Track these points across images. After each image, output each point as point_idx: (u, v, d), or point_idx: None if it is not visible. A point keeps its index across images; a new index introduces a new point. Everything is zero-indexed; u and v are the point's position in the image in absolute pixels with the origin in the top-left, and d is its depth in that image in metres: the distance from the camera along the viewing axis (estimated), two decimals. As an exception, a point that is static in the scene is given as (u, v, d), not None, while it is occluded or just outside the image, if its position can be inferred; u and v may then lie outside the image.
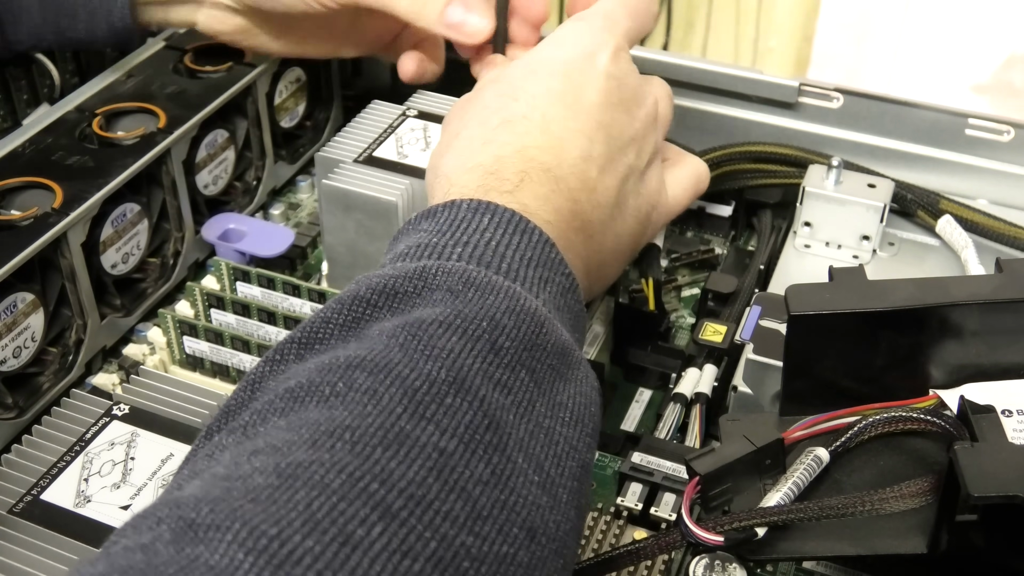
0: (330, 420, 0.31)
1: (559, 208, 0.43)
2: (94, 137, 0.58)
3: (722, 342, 0.54)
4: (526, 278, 0.39)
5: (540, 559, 0.32)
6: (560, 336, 0.37)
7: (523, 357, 0.35)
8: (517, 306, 0.36)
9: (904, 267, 0.59)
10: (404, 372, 0.33)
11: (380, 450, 0.30)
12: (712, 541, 0.38)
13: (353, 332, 0.36)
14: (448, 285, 0.36)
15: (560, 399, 0.36)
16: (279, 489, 0.29)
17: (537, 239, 0.40)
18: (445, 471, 0.31)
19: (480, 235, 0.39)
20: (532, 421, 0.34)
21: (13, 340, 0.51)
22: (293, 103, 0.70)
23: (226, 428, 0.34)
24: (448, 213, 0.41)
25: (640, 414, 0.56)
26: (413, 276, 0.37)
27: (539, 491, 0.33)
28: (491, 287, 0.37)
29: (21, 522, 0.43)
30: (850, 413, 0.41)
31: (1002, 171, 0.64)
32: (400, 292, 0.37)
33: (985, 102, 1.77)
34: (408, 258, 0.39)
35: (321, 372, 0.33)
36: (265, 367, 0.36)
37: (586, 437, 0.37)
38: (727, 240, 0.67)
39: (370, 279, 0.37)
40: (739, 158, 0.65)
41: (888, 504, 0.37)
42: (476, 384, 0.33)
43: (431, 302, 0.36)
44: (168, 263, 0.61)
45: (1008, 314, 0.41)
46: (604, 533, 0.47)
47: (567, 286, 0.41)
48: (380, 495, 0.29)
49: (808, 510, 0.38)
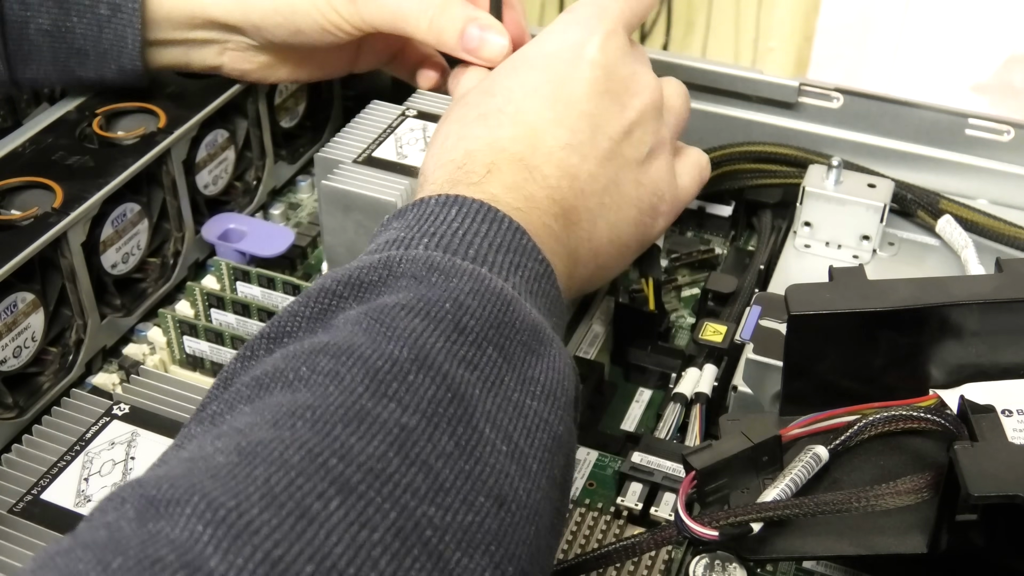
0: (292, 402, 0.32)
1: (531, 196, 0.43)
2: (94, 137, 0.58)
3: (722, 342, 0.54)
4: (495, 263, 0.39)
5: (510, 525, 0.33)
6: (529, 315, 0.38)
7: (490, 334, 0.36)
8: (482, 287, 0.37)
9: (904, 267, 0.59)
10: (367, 353, 0.33)
11: (340, 427, 0.31)
12: (707, 535, 0.38)
13: (320, 323, 0.37)
14: (412, 272, 0.37)
15: (531, 373, 0.36)
16: (239, 466, 0.30)
17: (507, 227, 0.40)
18: (407, 445, 0.31)
19: (447, 226, 0.40)
20: (500, 395, 0.35)
21: (13, 340, 0.51)
22: (293, 103, 0.70)
23: (195, 419, 0.35)
24: (417, 209, 0.41)
25: (640, 414, 0.56)
26: (378, 266, 0.38)
27: (507, 460, 0.33)
28: (455, 271, 0.37)
29: (21, 522, 0.43)
30: (850, 412, 0.41)
31: (1002, 171, 0.64)
32: (365, 282, 0.37)
33: (985, 102, 1.77)
34: (376, 253, 0.40)
35: (286, 359, 0.34)
36: (237, 363, 0.37)
37: (558, 410, 0.37)
38: (727, 240, 0.67)
39: (336, 272, 0.38)
40: (739, 158, 0.65)
41: (884, 500, 0.37)
42: (439, 361, 0.34)
43: (396, 289, 0.37)
44: (168, 263, 0.61)
45: (1008, 314, 0.41)
46: (604, 533, 0.47)
47: (540, 272, 0.41)
48: (339, 470, 0.30)
49: (804, 506, 0.38)
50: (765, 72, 0.67)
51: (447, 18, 0.55)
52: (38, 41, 0.57)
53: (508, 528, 0.32)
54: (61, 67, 0.59)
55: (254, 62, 0.62)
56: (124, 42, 0.58)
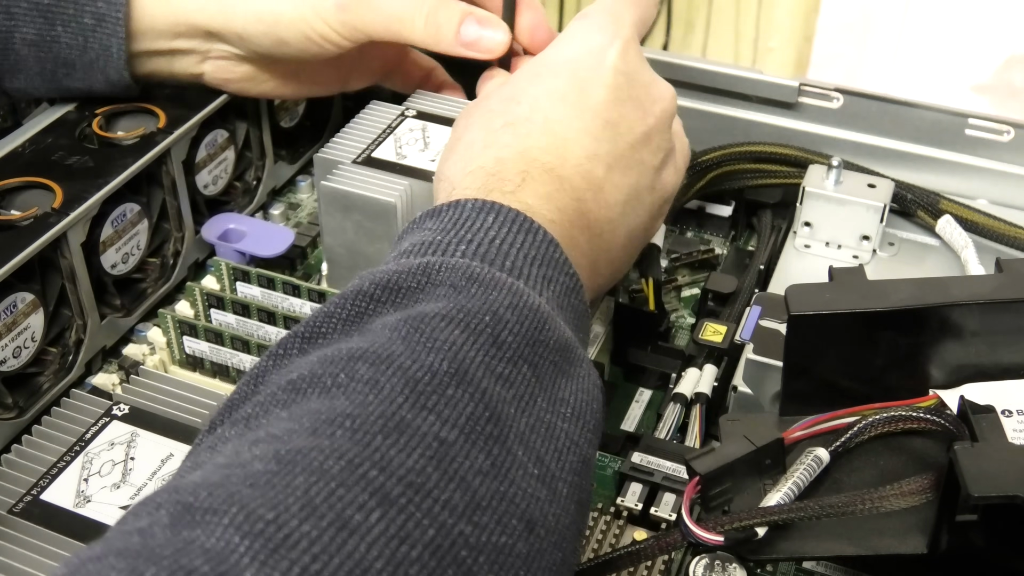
0: (331, 409, 0.31)
1: (563, 207, 0.43)
2: (94, 137, 0.58)
3: (722, 342, 0.54)
4: (529, 276, 0.39)
5: (539, 551, 0.32)
6: (562, 333, 0.38)
7: (525, 352, 0.35)
8: (520, 302, 0.36)
9: (904, 267, 0.59)
10: (406, 363, 0.33)
11: (380, 438, 0.30)
12: (712, 541, 0.38)
13: (356, 326, 0.36)
14: (451, 281, 0.37)
15: (562, 395, 0.36)
16: (278, 475, 0.29)
17: (541, 238, 0.40)
18: (445, 460, 0.31)
19: (484, 233, 0.39)
20: (533, 415, 0.35)
21: (13, 340, 0.51)
22: (293, 103, 0.70)
23: (228, 421, 0.34)
24: (452, 212, 0.41)
25: (640, 414, 0.56)
26: (416, 272, 0.37)
27: (538, 484, 0.33)
28: (494, 283, 0.37)
29: (21, 522, 0.43)
30: (850, 413, 0.41)
31: (1002, 171, 0.64)
32: (403, 287, 0.37)
33: (985, 102, 1.77)
34: (412, 255, 0.39)
35: (323, 364, 0.33)
36: (268, 361, 0.36)
37: (587, 433, 0.37)
38: (727, 240, 0.67)
39: (373, 275, 0.37)
40: (739, 158, 0.65)
41: (888, 502, 0.37)
42: (478, 376, 0.33)
43: (434, 297, 0.36)
44: (168, 263, 0.61)
45: (1008, 314, 0.41)
46: (604, 533, 0.47)
47: (570, 286, 0.41)
48: (379, 482, 0.29)
49: (808, 509, 0.38)
50: (765, 72, 0.67)
51: (443, 16, 0.54)
52: (24, 52, 0.57)
53: (536, 553, 0.32)
54: (48, 78, 0.58)
55: (236, 72, 0.60)
56: (109, 52, 0.57)
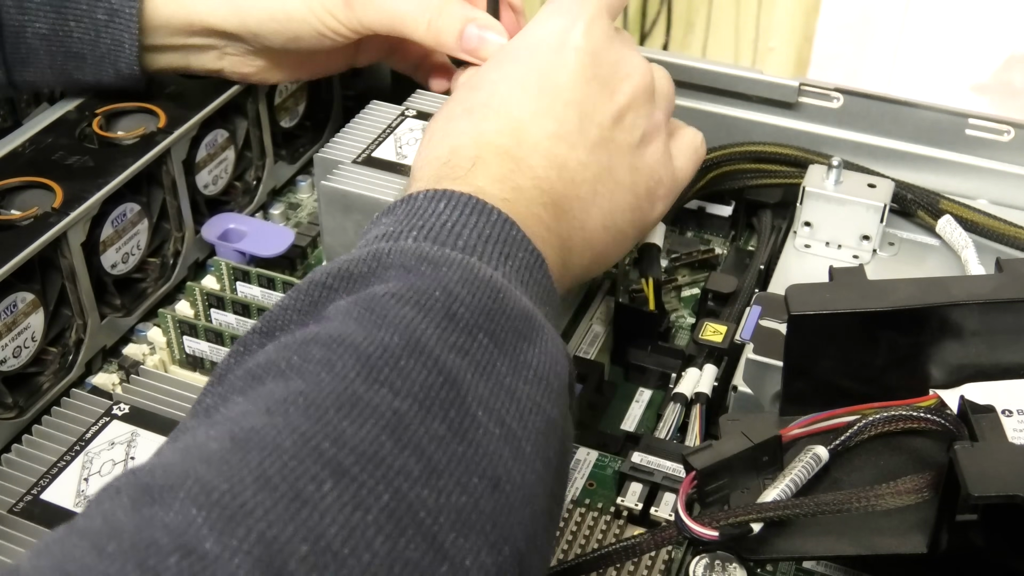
0: (285, 390, 0.32)
1: (518, 186, 0.43)
2: (94, 137, 0.58)
3: (722, 342, 0.54)
4: (484, 253, 0.39)
5: (505, 506, 0.33)
6: (520, 302, 0.38)
7: (481, 321, 0.36)
8: (472, 276, 0.37)
9: (904, 267, 0.59)
10: (358, 341, 0.34)
11: (332, 411, 0.31)
12: (707, 536, 0.38)
13: (311, 315, 0.37)
14: (402, 262, 0.37)
15: (523, 359, 0.36)
16: (232, 451, 0.30)
17: (495, 218, 0.40)
18: (399, 429, 0.32)
19: (436, 218, 0.40)
20: (492, 380, 0.35)
21: (13, 340, 0.51)
22: (293, 103, 0.70)
23: (190, 414, 0.35)
24: (405, 205, 0.41)
25: (640, 414, 0.56)
26: (367, 258, 0.38)
27: (501, 443, 0.34)
28: (445, 260, 0.37)
29: (21, 522, 0.43)
30: (850, 412, 0.41)
31: (1002, 171, 0.64)
32: (355, 273, 0.37)
33: (985, 102, 1.77)
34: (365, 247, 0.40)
35: (278, 350, 0.34)
36: (231, 359, 0.37)
37: (551, 395, 0.37)
38: (727, 240, 0.67)
39: (326, 266, 0.38)
40: (739, 158, 0.65)
41: (884, 500, 0.37)
42: (431, 347, 0.34)
43: (385, 279, 0.37)
44: (168, 263, 0.61)
45: (1008, 314, 0.41)
46: (604, 533, 0.47)
47: (531, 262, 0.41)
48: (331, 453, 0.30)
49: (804, 506, 0.38)
50: (765, 72, 0.67)
51: (445, 19, 0.55)
52: (35, 45, 0.57)
53: (503, 509, 0.33)
54: (59, 71, 0.59)
55: (254, 65, 0.62)
56: (121, 47, 0.58)
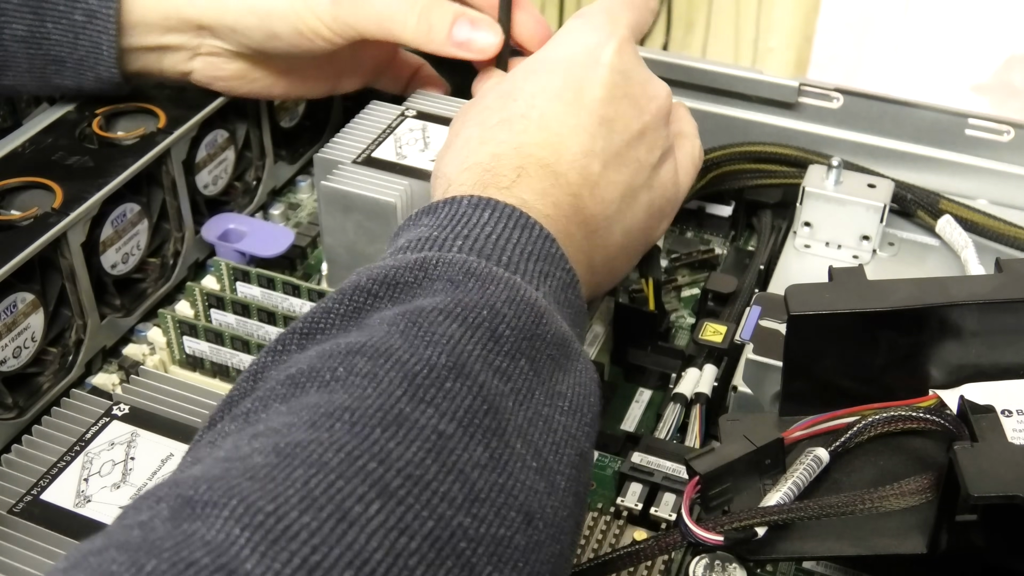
0: (330, 403, 0.32)
1: (559, 203, 0.43)
2: (94, 137, 0.58)
3: (722, 342, 0.54)
4: (526, 271, 0.39)
5: (537, 543, 0.32)
6: (559, 327, 0.38)
7: (523, 346, 0.36)
8: (517, 296, 0.37)
9: (904, 267, 0.59)
10: (404, 357, 0.33)
11: (379, 431, 0.31)
12: (712, 541, 0.38)
13: (354, 321, 0.36)
14: (448, 275, 0.37)
15: (559, 389, 0.36)
16: (277, 467, 0.29)
17: (537, 234, 0.40)
18: (443, 453, 0.31)
19: (480, 229, 0.40)
20: (531, 409, 0.35)
21: (13, 340, 0.51)
22: (293, 103, 0.70)
23: (228, 416, 0.34)
24: (448, 208, 0.41)
25: (640, 414, 0.56)
26: (414, 267, 0.37)
27: (536, 477, 0.33)
28: (491, 277, 0.37)
29: (21, 522, 0.43)
30: (850, 413, 0.41)
31: (1002, 171, 0.64)
32: (401, 282, 0.37)
33: (985, 102, 1.77)
34: (408, 251, 0.39)
35: (322, 358, 0.34)
36: (267, 357, 0.36)
37: (584, 427, 0.37)
38: (727, 240, 0.67)
39: (371, 270, 0.38)
40: (739, 158, 0.65)
41: (887, 502, 0.37)
42: (476, 370, 0.34)
43: (432, 291, 0.36)
44: (168, 263, 0.61)
45: (1008, 314, 0.41)
46: (604, 533, 0.47)
47: (567, 281, 0.41)
48: (378, 474, 0.29)
49: (808, 509, 0.38)
50: (765, 72, 0.67)
51: (436, 15, 0.54)
52: (13, 48, 0.57)
53: (535, 545, 0.32)
54: (38, 75, 0.58)
55: (225, 70, 0.60)
56: (100, 49, 0.57)
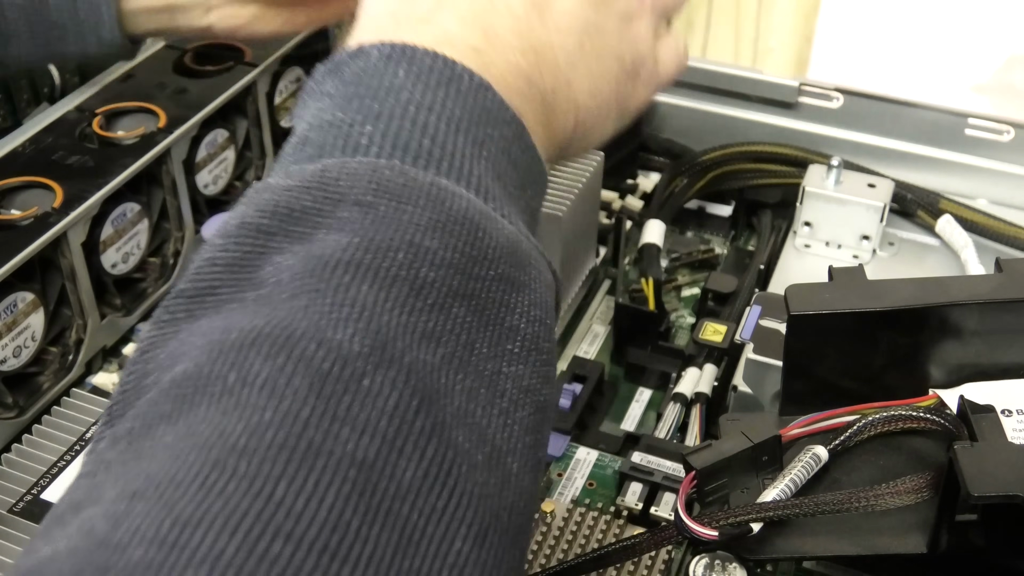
0: (222, 438, 0.25)
1: (491, 27, 0.36)
2: (94, 137, 0.58)
3: (722, 342, 0.54)
4: (455, 151, 0.32)
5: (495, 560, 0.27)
6: (503, 233, 0.31)
7: (455, 285, 0.29)
8: (444, 212, 0.30)
9: (904, 267, 0.59)
10: (310, 350, 0.26)
11: (283, 485, 0.24)
12: (707, 535, 0.38)
13: (245, 274, 0.29)
14: (355, 196, 0.30)
15: (509, 322, 0.30)
16: (163, 569, 0.23)
17: (467, 85, 0.33)
18: (366, 494, 0.25)
19: (395, 99, 0.32)
20: (472, 373, 0.29)
21: (13, 340, 0.51)
22: (293, 103, 0.70)
23: (109, 435, 0.28)
24: (355, 65, 0.34)
25: (640, 414, 0.56)
26: (312, 186, 0.30)
27: (486, 473, 0.28)
28: (408, 193, 0.30)
29: (21, 522, 0.43)
30: (849, 412, 0.41)
31: (1002, 171, 0.64)
32: (297, 210, 0.30)
33: (985, 102, 1.77)
34: (308, 145, 0.32)
35: (211, 355, 0.27)
36: (154, 332, 0.30)
37: (540, 367, 0.31)
38: (727, 240, 0.67)
39: (258, 195, 0.31)
40: (739, 158, 0.65)
41: (884, 500, 0.37)
42: (399, 349, 0.27)
43: (335, 223, 0.29)
44: (168, 263, 0.61)
45: (1008, 314, 0.41)
46: (604, 533, 0.47)
47: (510, 135, 0.34)
48: (286, 555, 0.24)
49: (804, 506, 0.38)
50: (765, 72, 0.67)
51: None
52: (13, 17, 0.56)
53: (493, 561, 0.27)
54: (42, 43, 0.57)
55: (242, 16, 0.58)
56: (99, 12, 0.56)
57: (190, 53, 0.66)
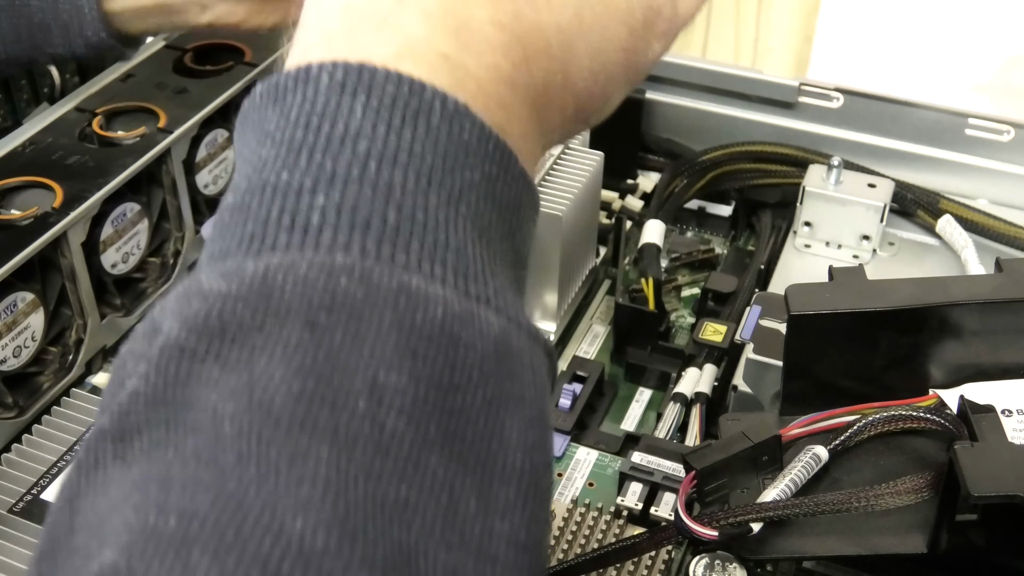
0: None
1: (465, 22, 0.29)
2: (94, 137, 0.58)
3: (722, 342, 0.54)
4: (427, 219, 0.26)
5: None
6: (488, 335, 0.26)
7: (430, 431, 0.24)
8: (412, 337, 0.24)
9: (904, 267, 0.59)
10: (265, 547, 0.21)
11: None
12: (707, 535, 0.38)
13: (171, 410, 0.24)
14: (304, 313, 0.24)
15: (503, 459, 0.25)
16: None
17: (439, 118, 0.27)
18: None
19: (352, 150, 0.26)
20: (456, 544, 0.24)
21: (13, 340, 0.51)
22: (293, 103, 0.70)
23: None
24: (301, 97, 0.27)
25: (640, 414, 0.56)
26: (250, 295, 0.24)
27: None
28: (369, 308, 0.24)
29: (21, 522, 0.43)
30: (850, 412, 0.41)
31: (1002, 171, 0.64)
32: (231, 326, 0.24)
33: (985, 102, 1.77)
34: (249, 221, 0.26)
35: (145, 547, 0.22)
36: (80, 479, 0.24)
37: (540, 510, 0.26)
38: (727, 240, 0.67)
39: (187, 302, 0.25)
40: (739, 158, 0.65)
41: (883, 500, 0.37)
42: (371, 537, 0.22)
43: (280, 349, 0.24)
44: (168, 263, 0.61)
45: (1008, 314, 0.41)
46: (604, 533, 0.47)
47: (494, 172, 0.28)
48: None
49: (804, 506, 0.38)
50: (765, 72, 0.67)
51: None
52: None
53: None
54: (28, 44, 0.57)
55: (239, 12, 0.57)
56: (82, 12, 0.55)
57: (190, 53, 0.66)
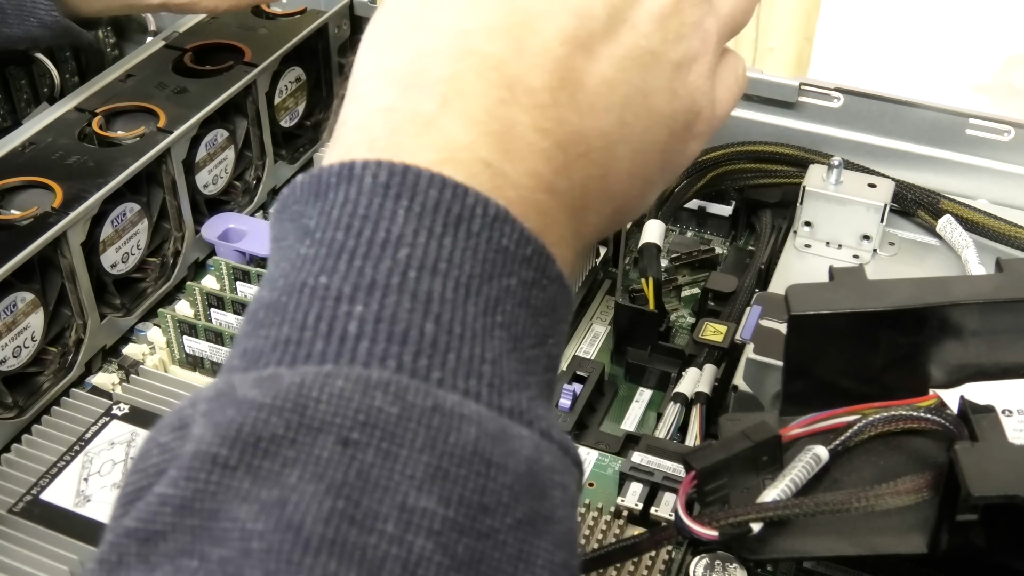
0: None
1: (507, 129, 0.28)
2: (94, 137, 0.58)
3: (722, 342, 0.54)
4: (464, 331, 0.26)
5: None
6: (520, 454, 0.25)
7: (459, 552, 0.24)
8: (444, 459, 0.24)
9: (904, 267, 0.59)
10: None
11: None
12: (707, 535, 0.38)
13: (199, 520, 0.24)
14: (337, 430, 0.24)
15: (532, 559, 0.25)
16: None
17: (479, 224, 0.27)
18: None
19: (392, 258, 0.26)
20: None
21: (13, 340, 0.51)
22: (293, 103, 0.70)
23: None
24: (344, 194, 0.27)
25: (640, 414, 0.56)
26: (285, 406, 0.24)
27: None
28: (403, 428, 0.24)
29: (21, 522, 0.43)
30: (850, 412, 0.41)
31: (1002, 171, 0.64)
32: (264, 439, 0.24)
33: (986, 102, 1.77)
34: (284, 324, 0.26)
35: None
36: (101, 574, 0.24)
37: None
38: (727, 240, 0.67)
39: (221, 409, 0.25)
40: (739, 158, 0.65)
41: (884, 500, 0.37)
42: None
43: (312, 465, 0.24)
44: (168, 263, 0.61)
45: (1008, 314, 0.41)
46: (604, 533, 0.47)
47: (530, 278, 0.28)
48: None
49: (804, 506, 0.38)
50: (765, 72, 0.67)
51: None
52: None
53: None
54: None
55: None
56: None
57: (190, 53, 0.66)
